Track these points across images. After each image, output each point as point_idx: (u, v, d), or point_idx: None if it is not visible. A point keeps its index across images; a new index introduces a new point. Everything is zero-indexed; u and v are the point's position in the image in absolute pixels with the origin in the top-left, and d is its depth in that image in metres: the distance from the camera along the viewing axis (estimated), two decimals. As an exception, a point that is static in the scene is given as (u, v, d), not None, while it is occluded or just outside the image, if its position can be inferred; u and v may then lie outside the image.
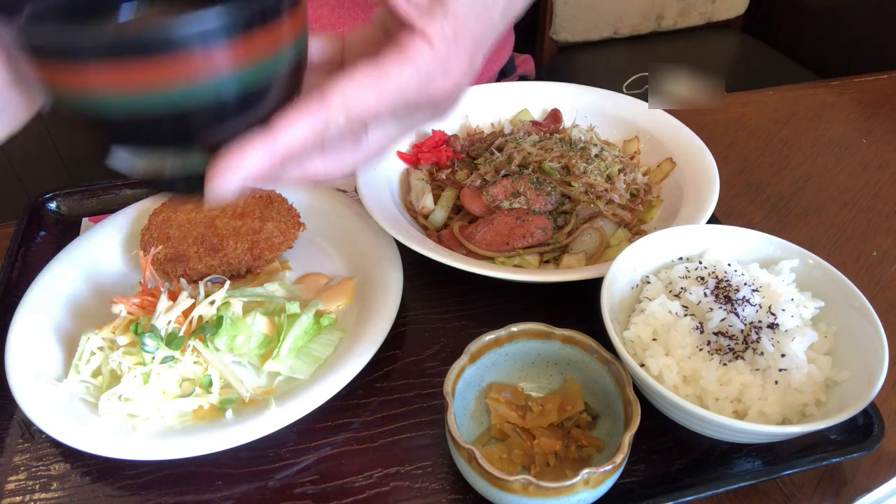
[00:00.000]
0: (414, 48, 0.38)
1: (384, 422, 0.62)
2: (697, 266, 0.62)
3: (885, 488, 0.53)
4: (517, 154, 0.79)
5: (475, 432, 0.59)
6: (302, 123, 0.36)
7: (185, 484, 0.58)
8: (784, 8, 2.02)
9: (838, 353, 0.57)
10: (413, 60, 0.38)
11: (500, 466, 0.50)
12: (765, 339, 0.55)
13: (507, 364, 0.61)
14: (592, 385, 0.59)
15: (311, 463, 0.59)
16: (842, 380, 0.55)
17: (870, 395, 0.50)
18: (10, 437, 0.62)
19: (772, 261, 0.63)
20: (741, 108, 1.03)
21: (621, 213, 0.76)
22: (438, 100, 0.41)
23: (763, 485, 0.57)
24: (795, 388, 0.53)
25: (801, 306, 0.59)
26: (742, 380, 0.54)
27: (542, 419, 0.57)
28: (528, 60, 1.27)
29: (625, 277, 0.62)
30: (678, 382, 0.55)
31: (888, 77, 1.10)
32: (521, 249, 0.73)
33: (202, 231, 0.74)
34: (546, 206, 0.75)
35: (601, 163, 0.80)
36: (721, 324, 0.56)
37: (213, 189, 0.36)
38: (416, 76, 0.38)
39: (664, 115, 0.85)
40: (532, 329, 0.59)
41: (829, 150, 0.95)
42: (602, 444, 0.57)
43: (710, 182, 0.75)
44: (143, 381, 0.60)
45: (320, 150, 0.40)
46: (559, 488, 0.48)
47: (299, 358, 0.64)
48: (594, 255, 0.73)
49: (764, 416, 0.53)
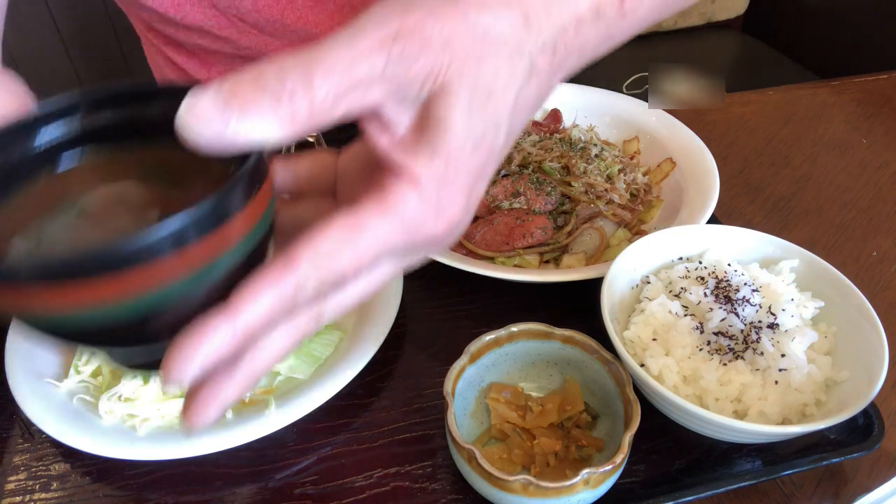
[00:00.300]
0: (397, 195, 0.33)
1: (384, 422, 0.62)
2: (697, 266, 0.62)
3: (885, 488, 0.53)
4: (517, 154, 0.79)
5: (475, 432, 0.59)
6: (265, 296, 0.31)
7: (185, 484, 0.58)
8: (784, 8, 2.02)
9: (838, 353, 0.57)
10: (395, 210, 0.33)
11: (500, 466, 0.50)
12: (765, 339, 0.55)
13: (507, 364, 0.61)
14: (592, 385, 0.59)
15: (311, 463, 0.59)
16: (842, 380, 0.55)
17: (870, 394, 0.50)
18: (11, 437, 0.62)
19: (772, 261, 0.63)
20: (741, 108, 1.03)
21: (621, 213, 0.76)
22: (432, 243, 0.36)
23: (763, 485, 0.57)
24: (795, 388, 0.53)
25: (801, 306, 0.59)
26: (742, 380, 0.54)
27: (542, 419, 0.57)
28: None
29: (625, 277, 0.62)
30: (678, 382, 0.55)
31: (888, 77, 1.10)
32: (521, 249, 0.73)
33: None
34: (546, 206, 0.75)
35: (601, 163, 0.80)
36: (721, 324, 0.57)
37: (169, 378, 0.31)
38: (401, 226, 0.33)
39: (664, 115, 0.85)
40: (532, 329, 0.59)
41: (829, 150, 0.95)
42: (602, 444, 0.57)
43: (710, 182, 0.75)
44: (143, 382, 0.60)
45: (291, 317, 0.34)
46: (559, 488, 0.48)
47: (299, 358, 0.64)
48: (594, 255, 0.73)
49: (764, 416, 0.53)
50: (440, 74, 0.32)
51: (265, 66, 0.30)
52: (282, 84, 0.30)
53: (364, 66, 0.31)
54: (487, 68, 0.33)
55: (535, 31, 0.35)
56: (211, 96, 0.29)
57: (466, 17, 0.33)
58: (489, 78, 0.34)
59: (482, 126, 0.34)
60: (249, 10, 0.91)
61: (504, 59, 0.34)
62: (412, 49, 0.31)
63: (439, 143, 0.33)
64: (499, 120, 0.35)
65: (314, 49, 0.31)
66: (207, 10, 0.91)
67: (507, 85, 0.34)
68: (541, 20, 0.35)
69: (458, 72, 0.33)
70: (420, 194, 0.33)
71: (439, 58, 0.32)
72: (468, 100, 0.33)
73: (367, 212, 0.33)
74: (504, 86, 0.34)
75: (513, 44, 0.34)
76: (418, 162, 0.33)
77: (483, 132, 0.34)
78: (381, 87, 0.32)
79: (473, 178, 0.35)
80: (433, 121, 0.33)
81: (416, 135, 0.34)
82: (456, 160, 0.34)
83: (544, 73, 0.36)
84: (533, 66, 0.35)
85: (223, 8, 0.90)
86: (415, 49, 0.32)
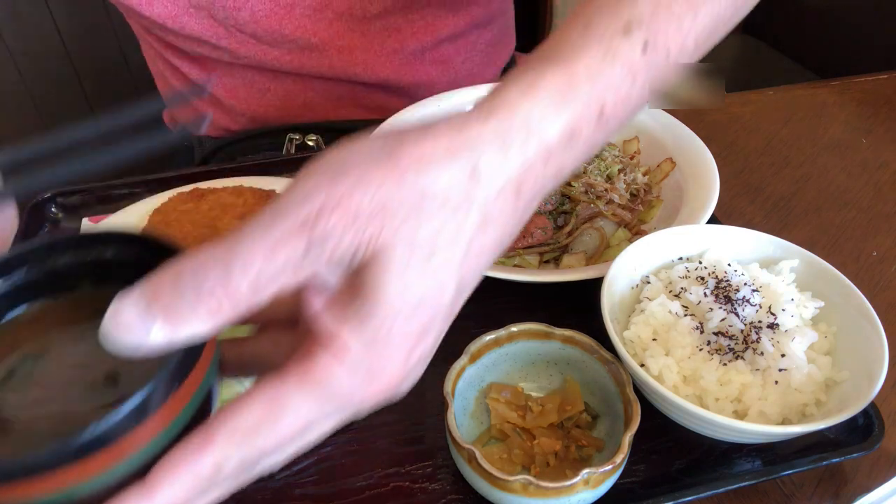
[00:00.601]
0: (322, 368, 0.32)
1: (384, 422, 0.62)
2: (697, 266, 0.62)
3: (885, 488, 0.53)
4: (517, 154, 0.79)
5: (475, 432, 0.59)
6: (183, 477, 0.30)
7: (186, 484, 0.58)
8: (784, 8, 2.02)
9: (838, 354, 0.57)
10: (319, 384, 0.32)
11: (500, 466, 0.50)
12: (765, 339, 0.55)
13: (507, 364, 0.61)
14: (592, 385, 0.59)
15: (311, 463, 0.59)
16: (842, 380, 0.55)
17: (870, 395, 0.50)
18: (11, 437, 0.62)
19: (772, 261, 0.63)
20: (741, 108, 1.03)
21: (621, 213, 0.76)
22: (367, 406, 0.34)
23: (763, 485, 0.57)
24: (795, 388, 0.53)
25: (802, 306, 0.59)
26: (742, 380, 0.54)
27: (542, 419, 0.57)
28: None
29: (625, 277, 0.63)
30: (678, 382, 0.55)
31: (888, 77, 1.10)
32: (521, 249, 0.73)
33: (203, 231, 0.74)
34: (546, 206, 0.75)
35: (601, 163, 0.80)
36: (721, 324, 0.57)
37: None
38: (327, 399, 0.32)
39: (664, 115, 0.85)
40: (532, 329, 0.59)
41: (829, 150, 0.95)
42: (602, 444, 0.57)
43: (710, 182, 0.75)
44: (143, 382, 0.60)
45: (212, 491, 0.33)
46: (559, 488, 0.48)
47: (299, 358, 0.64)
48: (594, 255, 0.73)
49: (764, 416, 0.53)
50: (370, 243, 0.31)
51: (183, 266, 0.30)
52: (199, 285, 0.30)
53: (282, 254, 0.30)
54: (426, 229, 0.32)
55: (484, 182, 0.33)
56: (133, 302, 0.30)
57: (404, 178, 0.32)
58: (429, 238, 0.32)
59: (422, 288, 0.33)
60: (247, 20, 0.90)
61: (447, 216, 0.33)
62: (337, 226, 0.30)
63: (370, 310, 0.32)
64: (444, 278, 0.33)
65: (233, 240, 0.31)
66: (205, 20, 0.90)
67: (453, 241, 0.33)
68: (493, 168, 0.34)
69: (392, 236, 0.31)
70: (347, 366, 0.32)
71: (369, 228, 0.31)
72: (404, 264, 0.32)
73: (289, 386, 0.32)
74: (449, 242, 0.33)
75: (457, 199, 0.33)
76: (346, 329, 0.32)
77: (423, 294, 0.33)
78: (307, 269, 0.31)
79: (413, 340, 0.34)
80: (365, 288, 0.32)
81: (349, 298, 0.32)
82: (389, 328, 0.32)
83: (505, 216, 0.35)
84: (486, 215, 0.34)
85: (221, 19, 0.90)
86: (339, 226, 0.31)
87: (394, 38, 0.97)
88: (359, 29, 0.96)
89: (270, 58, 0.95)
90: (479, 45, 1.05)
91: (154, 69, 1.11)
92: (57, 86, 1.84)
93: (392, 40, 0.97)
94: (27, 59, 1.78)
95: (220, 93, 1.02)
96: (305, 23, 0.93)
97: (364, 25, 0.95)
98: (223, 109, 1.04)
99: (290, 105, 1.02)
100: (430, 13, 0.96)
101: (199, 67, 1.01)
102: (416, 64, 1.00)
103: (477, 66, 1.07)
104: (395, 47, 0.97)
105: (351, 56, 0.96)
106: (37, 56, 1.79)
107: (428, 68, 1.01)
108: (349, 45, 0.96)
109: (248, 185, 0.80)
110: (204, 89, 1.00)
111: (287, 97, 1.01)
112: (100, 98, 1.90)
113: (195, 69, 1.01)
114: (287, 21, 0.92)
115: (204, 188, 0.80)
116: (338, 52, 0.96)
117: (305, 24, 0.93)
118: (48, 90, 1.85)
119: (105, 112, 0.43)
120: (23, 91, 1.82)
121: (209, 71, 1.00)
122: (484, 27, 1.05)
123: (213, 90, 1.01)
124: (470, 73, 1.06)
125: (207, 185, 0.80)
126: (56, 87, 1.84)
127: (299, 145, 1.04)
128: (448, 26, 0.99)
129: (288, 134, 1.03)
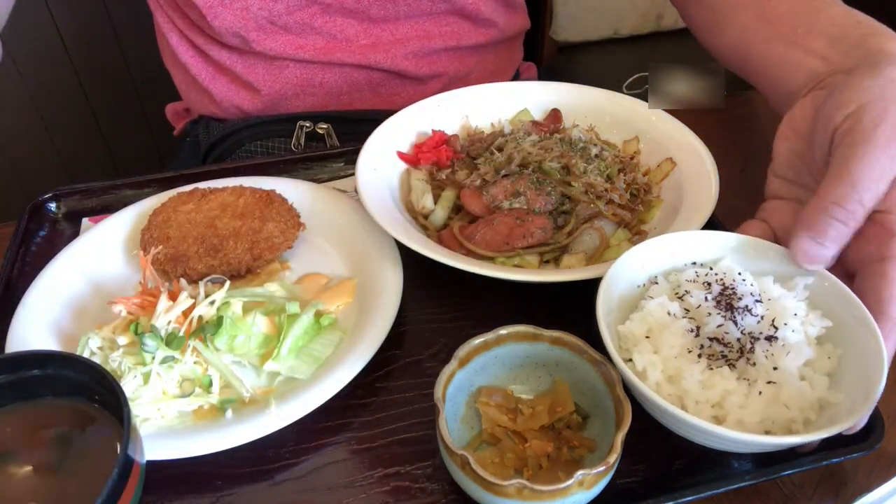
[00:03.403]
0: None
1: (384, 422, 0.62)
2: (708, 272, 0.61)
3: (885, 488, 0.53)
4: (517, 154, 0.79)
5: (466, 437, 0.59)
6: None
7: (185, 484, 0.58)
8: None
9: (840, 376, 0.55)
10: None
11: (492, 471, 0.50)
12: (759, 350, 0.54)
13: (496, 367, 0.61)
14: (582, 385, 0.59)
15: (311, 463, 0.59)
16: (836, 402, 0.53)
17: (862, 414, 0.49)
18: (11, 437, 0.62)
19: (788, 276, 0.61)
20: (741, 108, 1.03)
21: (621, 213, 0.76)
22: None
23: (763, 485, 0.57)
24: (783, 403, 0.52)
25: (808, 324, 0.57)
26: (725, 386, 0.53)
27: (533, 421, 0.57)
28: (530, 68, 1.28)
29: (630, 276, 0.62)
30: (662, 381, 0.54)
31: (888, 77, 1.09)
32: (521, 249, 0.73)
33: (202, 231, 0.74)
34: (546, 206, 0.75)
35: (601, 163, 0.80)
36: (717, 330, 0.56)
37: None
38: None
39: (664, 115, 0.85)
40: (520, 331, 0.59)
41: (830, 150, 0.94)
42: (594, 445, 0.57)
43: (710, 182, 0.75)
44: (143, 382, 0.60)
45: None
46: (553, 491, 0.48)
47: (299, 358, 0.64)
48: (594, 255, 0.73)
49: (742, 425, 0.52)
50: None
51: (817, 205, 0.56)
52: None
53: None
54: None
55: None
56: (806, 239, 0.57)
57: None
58: None
59: None
60: (282, 12, 0.96)
61: None
62: None
63: None
64: None
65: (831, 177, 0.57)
66: (239, 12, 0.95)
67: None
68: None
69: None
70: None
71: None
72: None
73: None
74: None
75: None
76: None
77: None
78: None
79: None
80: None
81: None
82: None
83: None
84: None
85: (255, 11, 0.95)
86: None
87: (421, 40, 1.04)
88: (373, 32, 1.02)
89: (295, 46, 0.99)
90: (496, 52, 1.14)
91: (163, 49, 1.13)
92: (57, 86, 1.84)
93: (418, 41, 1.04)
94: (28, 60, 1.78)
95: (240, 69, 1.03)
96: (337, 19, 0.99)
97: (378, 27, 1.02)
98: (240, 84, 1.05)
99: (306, 86, 1.04)
100: (455, 21, 1.05)
101: (220, 46, 1.03)
102: (435, 59, 1.07)
103: (489, 70, 1.15)
104: (420, 45, 1.04)
105: (374, 49, 1.02)
106: (37, 57, 1.79)
107: (446, 64, 1.08)
108: (375, 43, 1.02)
109: (248, 185, 0.80)
110: None
111: (304, 79, 1.04)
112: (100, 98, 1.90)
113: (215, 48, 1.03)
114: (318, 16, 0.97)
115: (204, 188, 0.80)
116: (362, 48, 1.01)
117: (337, 20, 0.99)
118: (48, 91, 1.85)
119: (105, 112, 0.43)
120: (23, 91, 1.82)
121: (230, 50, 1.03)
122: (502, 43, 1.14)
123: (230, 65, 1.03)
124: (484, 70, 1.13)
125: (207, 185, 0.81)
126: (56, 88, 1.85)
127: (309, 133, 1.04)
128: (471, 38, 1.08)
129: (298, 122, 1.04)
